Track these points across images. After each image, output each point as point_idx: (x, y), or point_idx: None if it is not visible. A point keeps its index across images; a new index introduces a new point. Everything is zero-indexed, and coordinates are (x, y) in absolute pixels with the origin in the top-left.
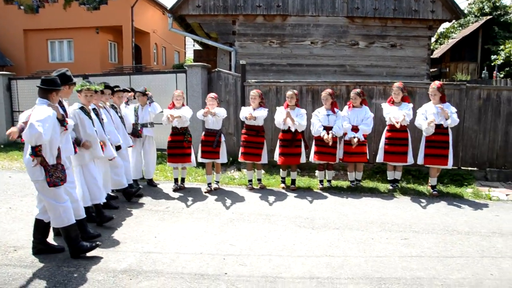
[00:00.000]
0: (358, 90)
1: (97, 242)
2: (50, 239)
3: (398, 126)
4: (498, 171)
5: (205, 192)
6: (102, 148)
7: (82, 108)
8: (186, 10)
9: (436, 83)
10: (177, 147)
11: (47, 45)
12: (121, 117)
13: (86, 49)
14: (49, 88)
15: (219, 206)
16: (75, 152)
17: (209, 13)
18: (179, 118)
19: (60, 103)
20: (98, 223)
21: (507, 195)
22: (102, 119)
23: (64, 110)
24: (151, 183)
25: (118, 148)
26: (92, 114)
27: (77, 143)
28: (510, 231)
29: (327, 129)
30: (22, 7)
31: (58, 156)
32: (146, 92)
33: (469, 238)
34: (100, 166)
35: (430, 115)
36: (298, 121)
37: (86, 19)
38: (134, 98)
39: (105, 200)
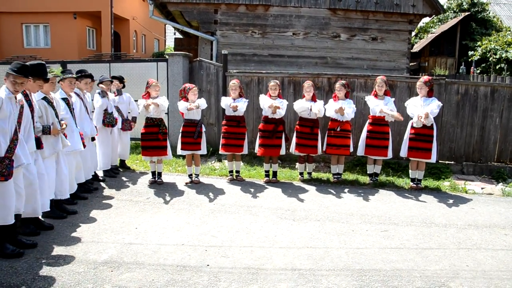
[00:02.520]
0: (343, 81)
1: (20, 251)
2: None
3: (401, 118)
4: (474, 165)
5: (186, 183)
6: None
7: (45, 98)
8: None
9: (425, 77)
10: (152, 139)
11: (21, 29)
12: (85, 106)
13: (63, 34)
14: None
15: (200, 197)
16: (41, 148)
17: (190, 1)
18: (156, 105)
19: (27, 96)
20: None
21: (482, 188)
22: (73, 109)
23: (30, 104)
24: (124, 165)
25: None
26: (61, 103)
27: (45, 131)
28: (485, 224)
29: (307, 120)
30: None
31: (11, 150)
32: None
33: (446, 230)
34: (66, 161)
35: (417, 108)
36: (281, 106)
37: (63, 3)
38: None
39: (53, 197)
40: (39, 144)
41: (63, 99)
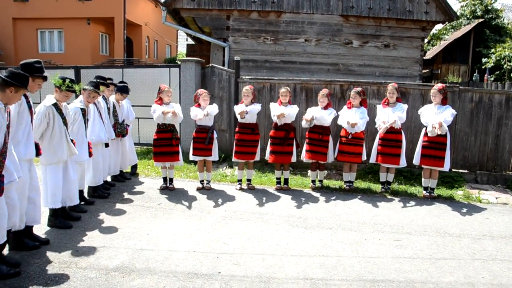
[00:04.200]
0: (358, 89)
1: (17, 270)
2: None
3: (389, 126)
4: (488, 174)
5: (197, 190)
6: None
7: (55, 105)
8: (180, 3)
9: (439, 85)
10: (165, 145)
11: (37, 34)
12: (108, 109)
13: (77, 40)
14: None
15: (211, 204)
16: (39, 154)
17: (203, 7)
18: (174, 115)
19: (26, 98)
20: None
21: (496, 198)
22: (87, 120)
23: (30, 106)
24: (134, 171)
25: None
26: (72, 113)
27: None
28: (500, 234)
29: (317, 127)
30: None
31: (0, 164)
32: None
33: (461, 240)
34: (75, 168)
35: (431, 116)
36: (288, 112)
37: (78, 9)
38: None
39: (59, 205)
40: (38, 150)
41: (81, 109)
